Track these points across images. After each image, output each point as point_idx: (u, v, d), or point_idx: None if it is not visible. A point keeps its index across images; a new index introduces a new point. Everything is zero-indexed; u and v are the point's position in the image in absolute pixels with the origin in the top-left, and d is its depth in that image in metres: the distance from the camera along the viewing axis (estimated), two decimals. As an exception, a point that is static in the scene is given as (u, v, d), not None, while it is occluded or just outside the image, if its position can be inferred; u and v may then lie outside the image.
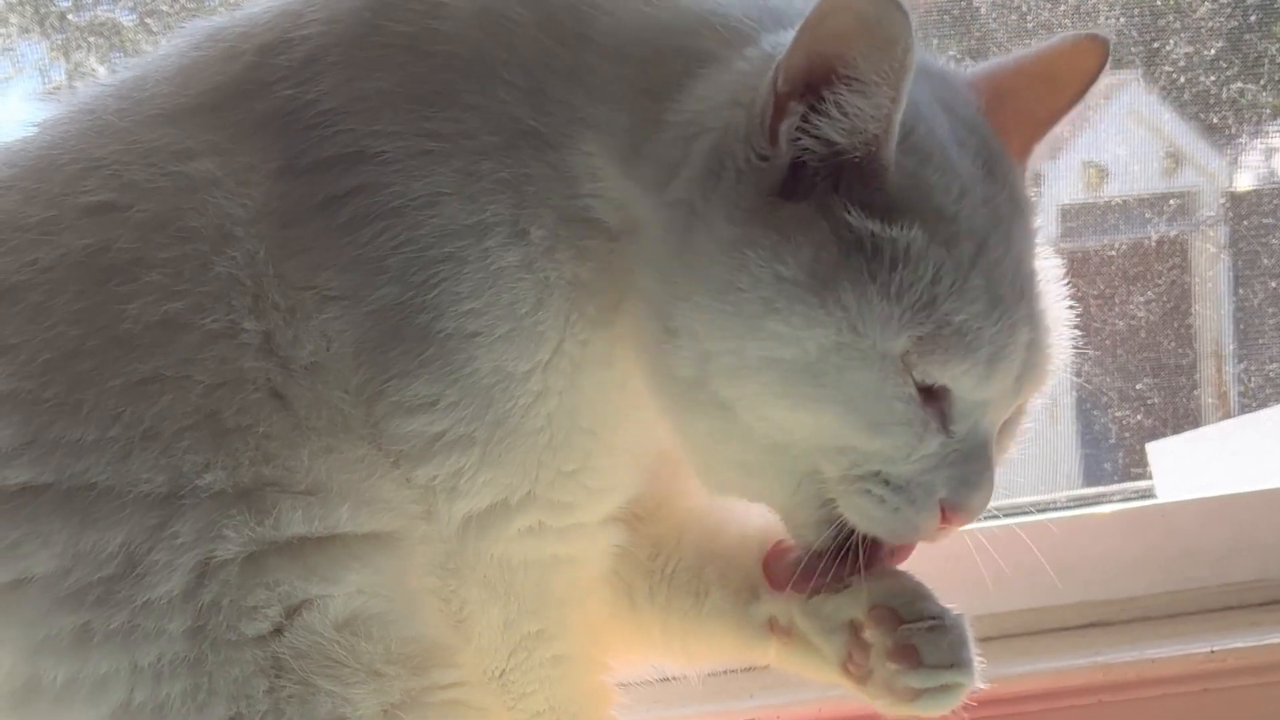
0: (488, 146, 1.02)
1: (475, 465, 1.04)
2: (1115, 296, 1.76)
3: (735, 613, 1.17)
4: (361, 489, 1.03)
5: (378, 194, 1.02)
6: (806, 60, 0.95)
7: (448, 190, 1.02)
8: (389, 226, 1.02)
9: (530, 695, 1.12)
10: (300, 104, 1.03)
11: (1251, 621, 1.50)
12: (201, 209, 1.02)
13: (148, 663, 0.97)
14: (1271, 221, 1.78)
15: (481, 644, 1.09)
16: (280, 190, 1.03)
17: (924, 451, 0.99)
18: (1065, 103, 1.09)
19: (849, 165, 0.97)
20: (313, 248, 1.02)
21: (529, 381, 1.03)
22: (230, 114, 1.05)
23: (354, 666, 1.00)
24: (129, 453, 0.98)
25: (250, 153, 1.03)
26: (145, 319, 0.99)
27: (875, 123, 0.95)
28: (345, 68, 1.04)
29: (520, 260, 1.02)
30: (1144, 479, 1.72)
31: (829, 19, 0.93)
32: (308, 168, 1.03)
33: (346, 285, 1.02)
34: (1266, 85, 1.76)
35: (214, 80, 1.07)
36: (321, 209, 1.03)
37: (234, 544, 0.98)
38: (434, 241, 1.01)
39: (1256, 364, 1.79)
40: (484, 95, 1.03)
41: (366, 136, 1.02)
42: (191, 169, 1.03)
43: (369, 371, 1.03)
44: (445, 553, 1.06)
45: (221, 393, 1.00)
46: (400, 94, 1.03)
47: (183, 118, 1.05)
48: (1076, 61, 1.08)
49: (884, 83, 0.94)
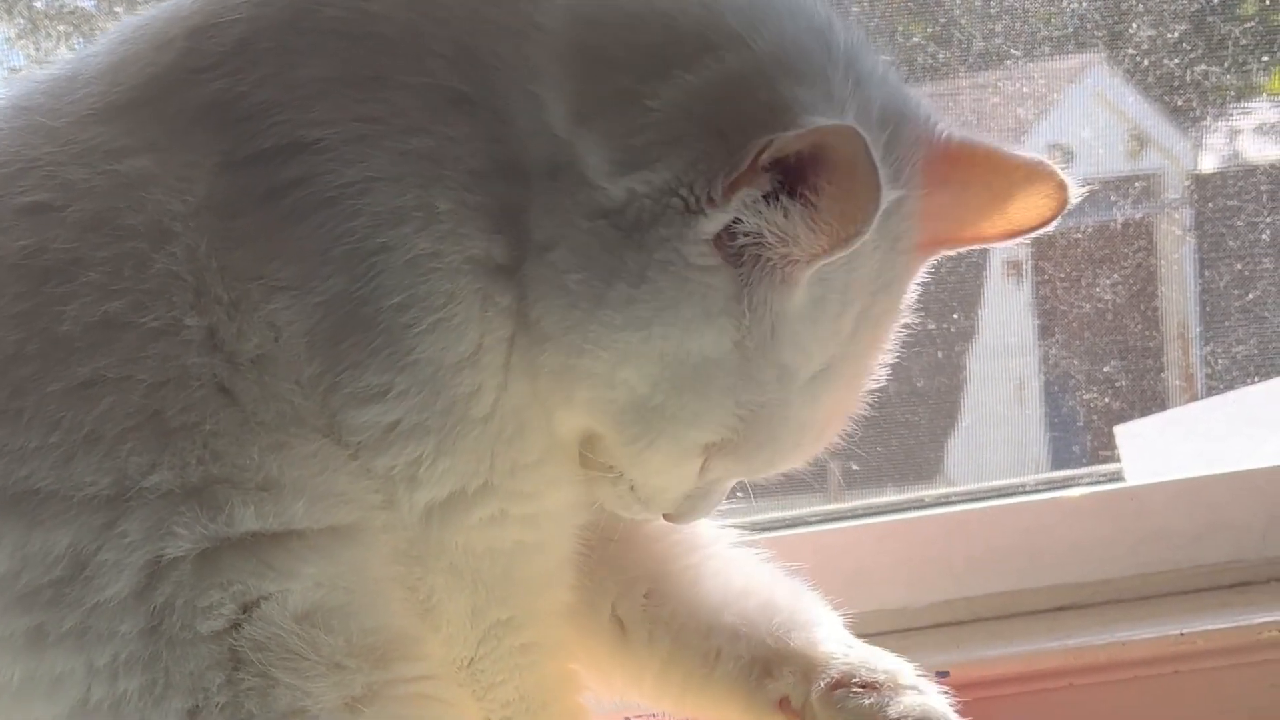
0: (418, 122, 1.01)
1: (433, 454, 1.03)
2: (1081, 280, 1.77)
3: (746, 685, 1.18)
4: (316, 483, 1.01)
5: (315, 184, 1.00)
6: (798, 158, 0.96)
7: (379, 175, 1.00)
8: (330, 217, 1.00)
9: (500, 684, 1.10)
10: (234, 95, 1.02)
11: (1221, 603, 1.50)
12: (139, 206, 1.00)
13: (103, 663, 0.96)
14: (1236, 204, 1.79)
15: (450, 633, 1.08)
16: (222, 183, 1.01)
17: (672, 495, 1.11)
18: (997, 235, 1.11)
19: (765, 259, 0.99)
20: (259, 238, 1.01)
21: (460, 374, 1.02)
22: (164, 107, 1.03)
23: (314, 659, 0.99)
24: (71, 457, 0.96)
25: (188, 149, 1.02)
26: (84, 319, 0.98)
27: (802, 250, 0.98)
28: (278, 54, 1.03)
29: (431, 248, 1.00)
30: (1112, 462, 1.72)
31: (841, 148, 0.95)
32: (246, 160, 1.01)
33: (294, 276, 1.01)
34: (1230, 68, 1.76)
35: (145, 73, 1.05)
36: (264, 200, 1.01)
37: (185, 541, 0.97)
38: (369, 231, 1.00)
39: (1223, 346, 1.79)
40: (414, 72, 1.01)
41: (303, 126, 1.01)
42: (126, 166, 1.01)
43: (323, 363, 1.01)
44: (409, 540, 1.05)
45: (165, 391, 0.98)
46: (334, 80, 1.02)
47: (116, 115, 1.03)
48: (1032, 202, 1.09)
49: (830, 232, 0.96)
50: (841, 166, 0.95)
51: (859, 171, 0.94)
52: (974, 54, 1.72)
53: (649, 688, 1.22)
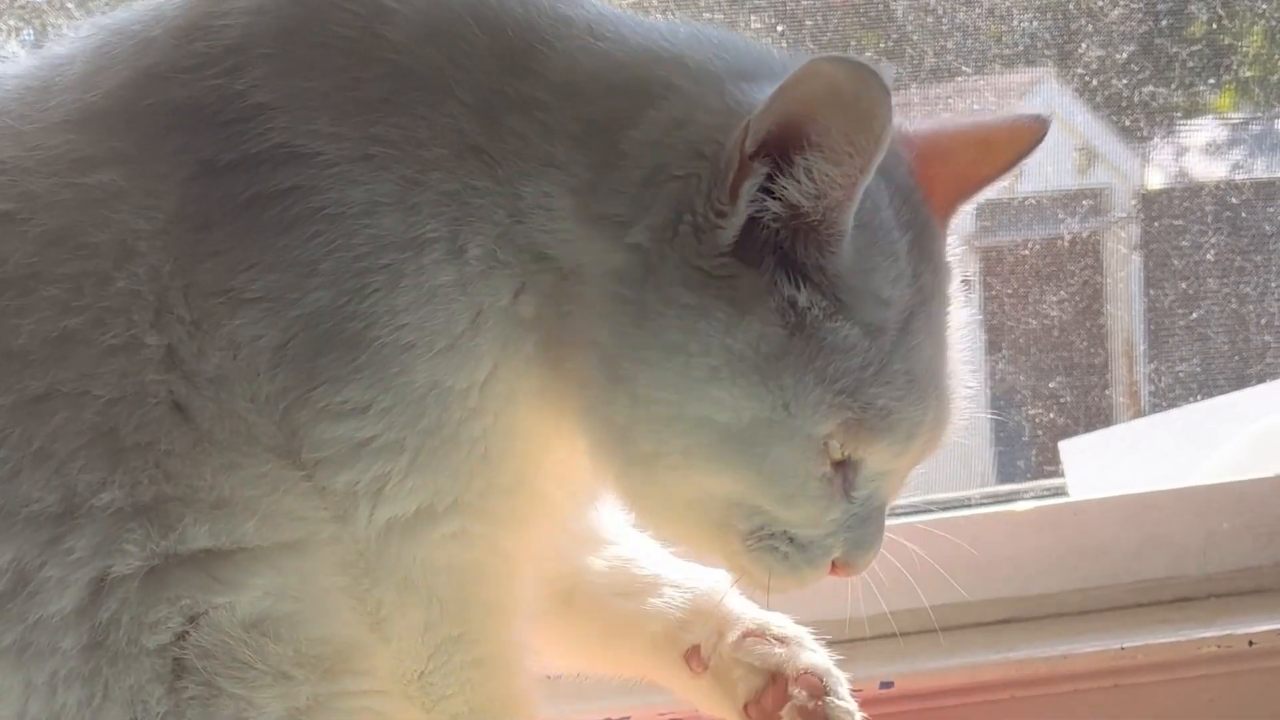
0: (437, 158, 1.00)
1: (403, 471, 1.02)
2: (1029, 295, 1.78)
3: (655, 640, 1.21)
4: (266, 503, 1.00)
5: (312, 197, 0.99)
6: (779, 122, 0.96)
7: (387, 200, 1.00)
8: (323, 231, 0.99)
9: (450, 698, 1.09)
10: (228, 94, 1.00)
11: (1161, 619, 1.51)
12: (104, 224, 0.98)
13: (42, 680, 0.95)
14: (1182, 223, 1.80)
15: (400, 646, 1.07)
16: (196, 192, 1.00)
17: (829, 519, 1.04)
18: (996, 170, 1.11)
19: (804, 228, 0.99)
20: (234, 248, 0.99)
21: (466, 398, 1.02)
22: (139, 110, 1.01)
23: (260, 669, 0.98)
24: (17, 473, 0.95)
25: (161, 159, 1.00)
26: (41, 334, 0.97)
27: (841, 190, 0.97)
28: (278, 61, 1.01)
29: (455, 280, 1.00)
30: (1057, 477, 1.73)
31: (808, 84, 0.94)
32: (232, 165, 1.00)
33: (272, 286, 0.99)
34: (1177, 89, 1.78)
35: (122, 76, 1.03)
36: (246, 207, 0.99)
37: (135, 558, 0.96)
38: (369, 251, 0.99)
39: (1167, 364, 1.81)
40: (434, 109, 1.01)
41: (303, 136, 0.99)
42: (94, 180, 0.99)
43: (291, 378, 1.00)
44: (358, 552, 1.04)
45: (120, 408, 0.97)
46: (341, 97, 1.01)
47: (89, 121, 1.01)
48: (1016, 134, 1.11)
49: (857, 155, 0.95)
50: (827, 89, 0.93)
51: (844, 78, 0.93)
52: (926, 69, 1.73)
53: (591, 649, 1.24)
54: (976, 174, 1.11)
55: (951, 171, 1.10)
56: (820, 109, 0.94)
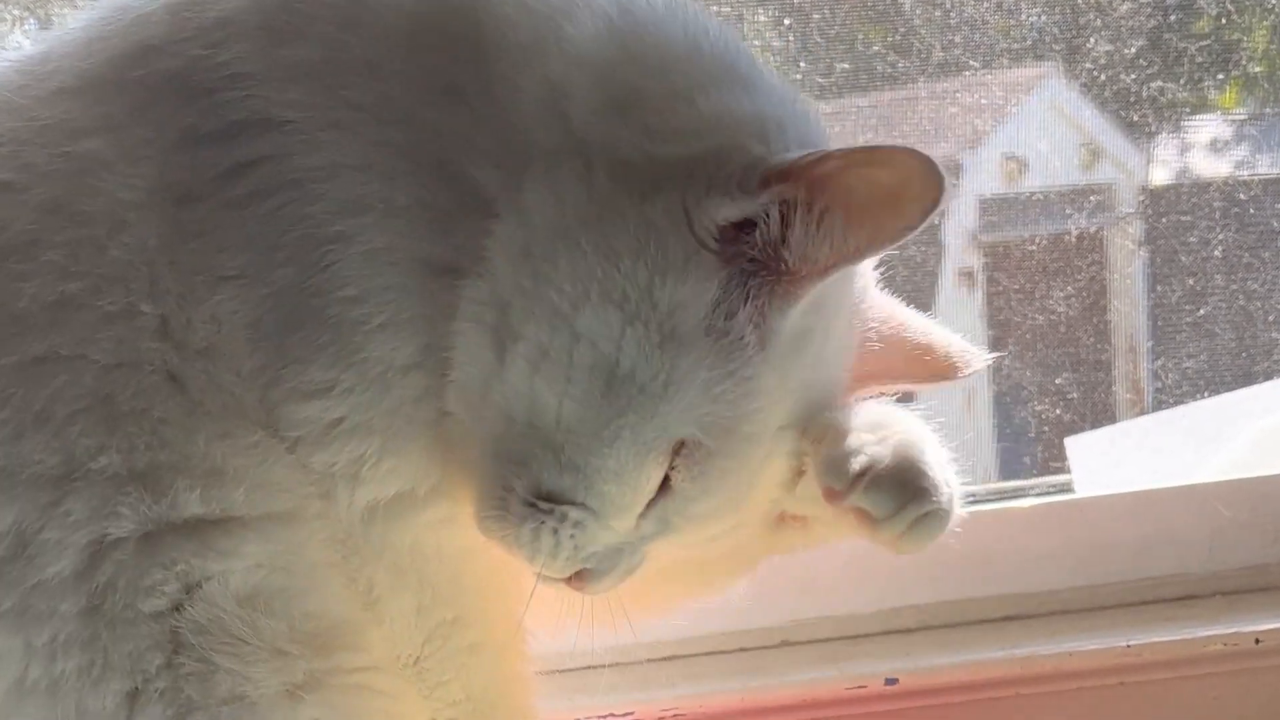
0: (399, 113, 1.00)
1: (377, 453, 1.02)
2: (1035, 291, 1.77)
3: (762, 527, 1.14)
4: (256, 473, 1.00)
5: (281, 165, 1.00)
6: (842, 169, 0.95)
7: (346, 162, 1.00)
8: (288, 200, 0.99)
9: (446, 684, 1.09)
10: (211, 64, 1.01)
11: (1167, 616, 1.51)
12: (94, 193, 1.00)
13: (41, 642, 0.95)
14: (1190, 219, 1.80)
15: (394, 629, 1.07)
16: (179, 161, 1.00)
17: (642, 524, 1.01)
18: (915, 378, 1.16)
19: (775, 269, 0.98)
20: (213, 229, 1.00)
21: (409, 376, 1.01)
22: (130, 77, 1.02)
23: (255, 644, 0.98)
24: (21, 434, 0.96)
25: (146, 124, 1.01)
26: (42, 298, 0.98)
27: (827, 258, 0.97)
28: (265, 32, 1.02)
29: (385, 244, 1.00)
30: (1063, 473, 1.72)
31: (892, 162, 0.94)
32: (212, 133, 1.00)
33: (243, 264, 1.00)
34: (1186, 84, 1.77)
35: (117, 47, 1.04)
36: (222, 180, 1.00)
37: (129, 522, 0.96)
38: (327, 218, 0.99)
39: (1174, 360, 1.80)
40: (411, 61, 1.01)
41: (277, 105, 1.00)
42: (81, 148, 1.00)
43: (265, 356, 1.01)
44: (345, 529, 1.04)
45: (118, 374, 0.98)
46: (319, 64, 1.01)
47: (84, 89, 1.03)
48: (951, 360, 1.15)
49: (866, 241, 0.96)
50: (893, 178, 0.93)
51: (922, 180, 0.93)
52: (933, 64, 1.73)
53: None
54: (898, 370, 1.14)
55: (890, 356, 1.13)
56: (880, 187, 0.94)
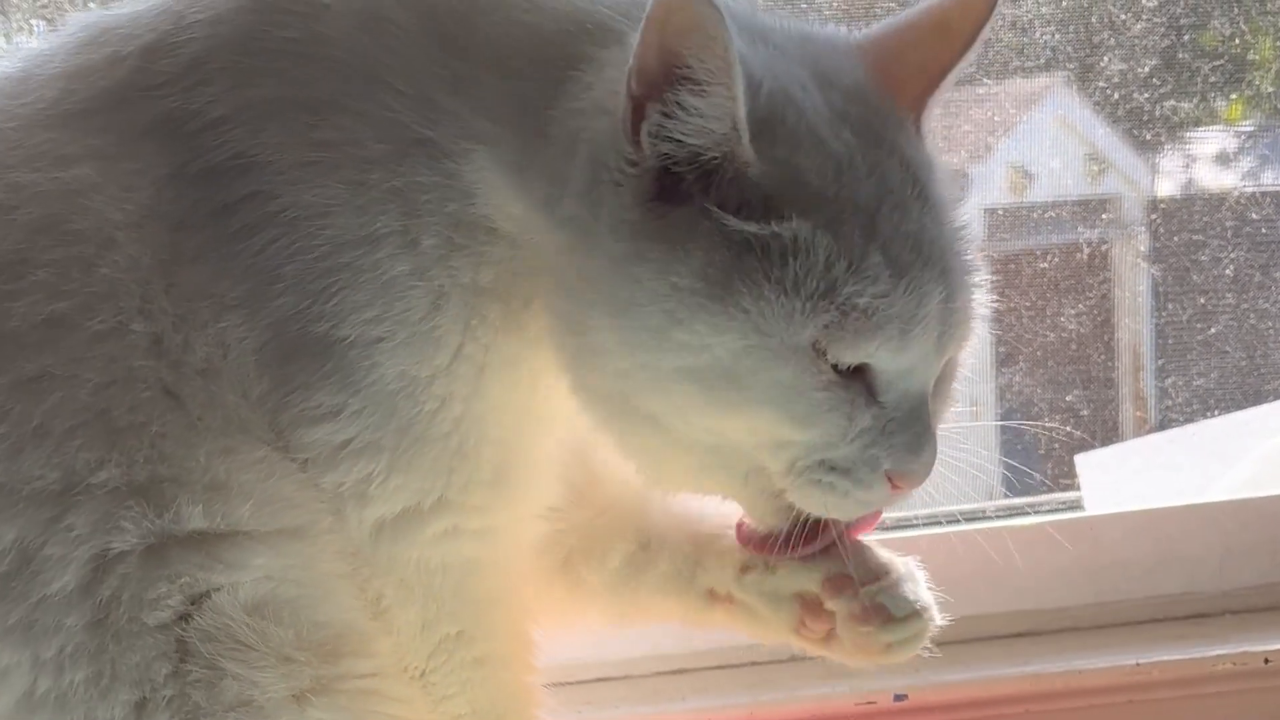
0: (376, 155, 1.01)
1: (385, 471, 1.03)
2: (1047, 308, 1.77)
3: (678, 585, 1.17)
4: (263, 488, 1.01)
5: (269, 203, 1.01)
6: (652, 59, 0.95)
7: (338, 202, 1.01)
8: (282, 235, 1.01)
9: (452, 698, 1.10)
10: (187, 112, 1.02)
11: (1177, 635, 1.51)
12: (84, 213, 1.01)
13: (49, 655, 0.96)
14: (1201, 238, 1.80)
15: (401, 641, 1.08)
16: (171, 194, 1.02)
17: (858, 429, 0.99)
18: (957, 51, 1.07)
19: (713, 166, 0.97)
20: (211, 256, 1.02)
21: (432, 386, 1.02)
22: (116, 118, 1.04)
23: (263, 651, 0.98)
24: (20, 450, 0.97)
25: (136, 158, 1.02)
26: (32, 317, 0.99)
27: (719, 122, 0.96)
28: (231, 74, 1.03)
29: (411, 269, 1.01)
30: (1073, 490, 1.72)
31: (656, 14, 0.93)
32: (198, 174, 1.02)
33: (244, 294, 1.01)
34: (1199, 103, 1.77)
35: (99, 85, 1.05)
36: (215, 216, 1.02)
37: (132, 536, 0.97)
38: (329, 252, 1.01)
39: (1184, 379, 1.80)
40: (371, 101, 1.02)
41: (255, 146, 1.01)
42: (71, 175, 1.01)
43: (271, 383, 1.02)
44: (355, 544, 1.05)
45: (112, 391, 0.99)
46: (287, 102, 1.02)
47: (69, 121, 1.04)
48: (966, 8, 1.07)
49: (716, 81, 0.94)
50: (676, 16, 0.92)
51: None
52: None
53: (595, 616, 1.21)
54: (938, 62, 1.08)
55: (912, 66, 1.08)
56: (675, 38, 0.94)
